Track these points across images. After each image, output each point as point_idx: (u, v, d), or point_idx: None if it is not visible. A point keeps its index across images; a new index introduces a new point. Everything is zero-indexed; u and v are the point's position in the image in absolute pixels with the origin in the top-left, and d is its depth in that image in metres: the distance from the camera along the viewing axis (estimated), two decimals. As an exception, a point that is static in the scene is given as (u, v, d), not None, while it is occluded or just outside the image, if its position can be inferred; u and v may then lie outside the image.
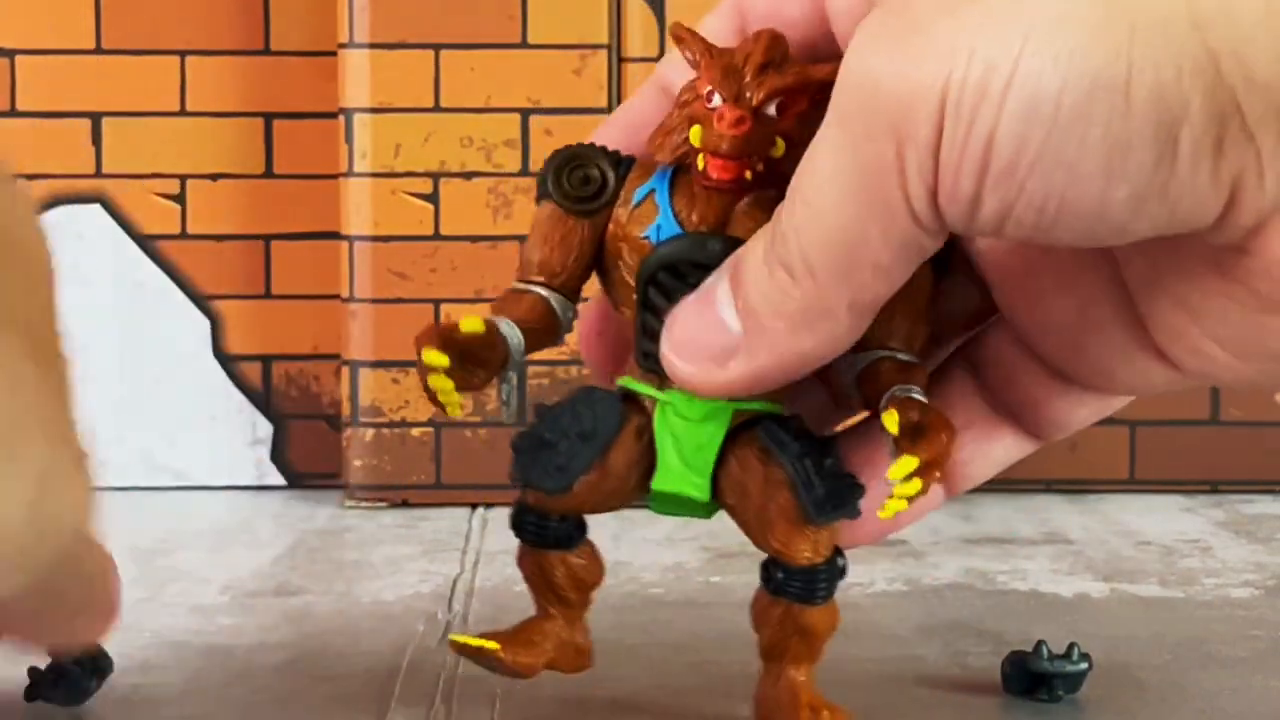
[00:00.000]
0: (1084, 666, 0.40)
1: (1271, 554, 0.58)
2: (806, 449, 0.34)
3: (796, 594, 0.35)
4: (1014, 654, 0.41)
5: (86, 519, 0.27)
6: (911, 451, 0.31)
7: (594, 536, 0.36)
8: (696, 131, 0.33)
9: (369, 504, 0.70)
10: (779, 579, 0.35)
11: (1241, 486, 0.71)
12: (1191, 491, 0.70)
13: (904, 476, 0.31)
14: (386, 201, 0.65)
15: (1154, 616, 0.49)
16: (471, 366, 0.33)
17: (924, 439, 0.32)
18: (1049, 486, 0.71)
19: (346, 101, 0.65)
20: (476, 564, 0.56)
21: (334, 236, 0.67)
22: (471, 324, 0.33)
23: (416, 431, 0.68)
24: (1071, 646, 0.40)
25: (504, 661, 0.35)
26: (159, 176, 0.69)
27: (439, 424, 0.68)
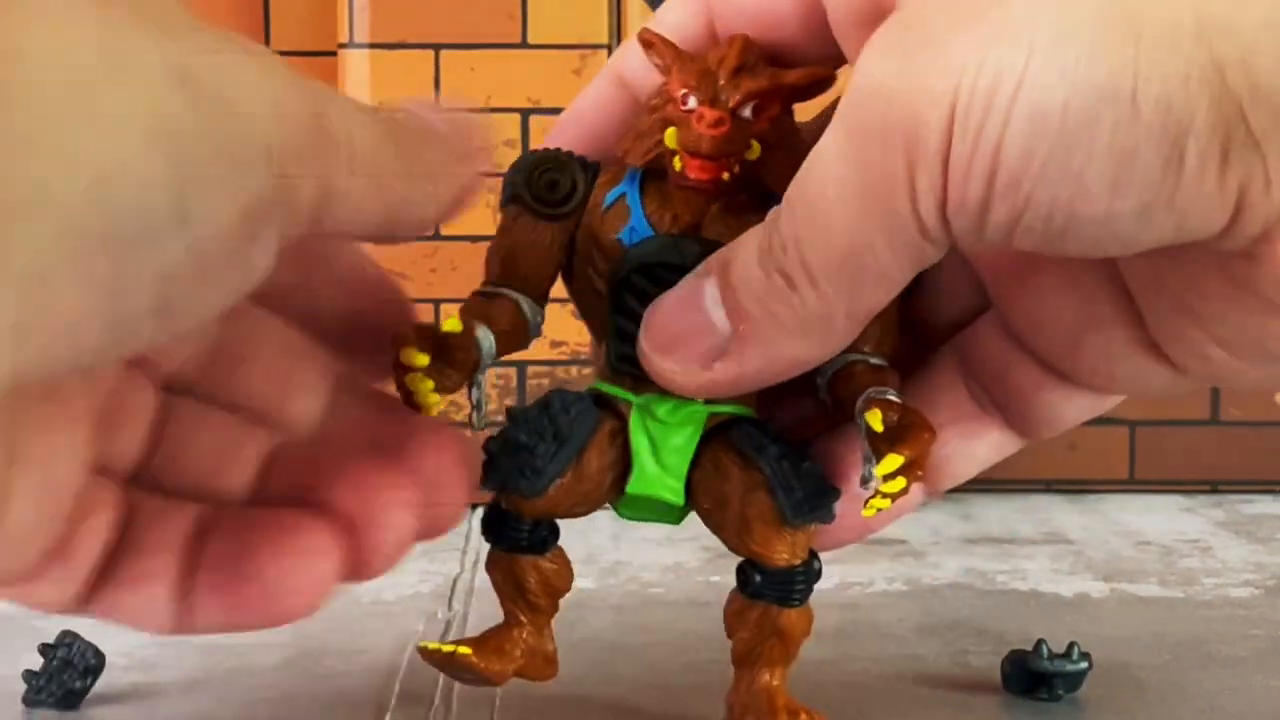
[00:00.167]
0: (1084, 666, 0.40)
1: (1271, 554, 0.58)
2: (784, 451, 0.34)
3: (774, 596, 0.35)
4: (1014, 653, 0.41)
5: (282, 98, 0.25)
6: (895, 450, 0.31)
7: (593, 537, 0.36)
8: (672, 133, 0.33)
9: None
10: (757, 582, 0.35)
11: (1241, 486, 0.71)
12: (1191, 491, 0.70)
13: (888, 474, 0.31)
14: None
15: (1154, 616, 0.49)
16: (446, 368, 0.33)
17: (907, 438, 0.32)
18: (1049, 486, 0.71)
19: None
20: (476, 563, 0.56)
21: (334, 236, 0.67)
22: (451, 324, 0.33)
23: (416, 431, 0.68)
24: (1071, 646, 0.40)
25: (476, 668, 0.35)
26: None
27: (439, 424, 0.68)
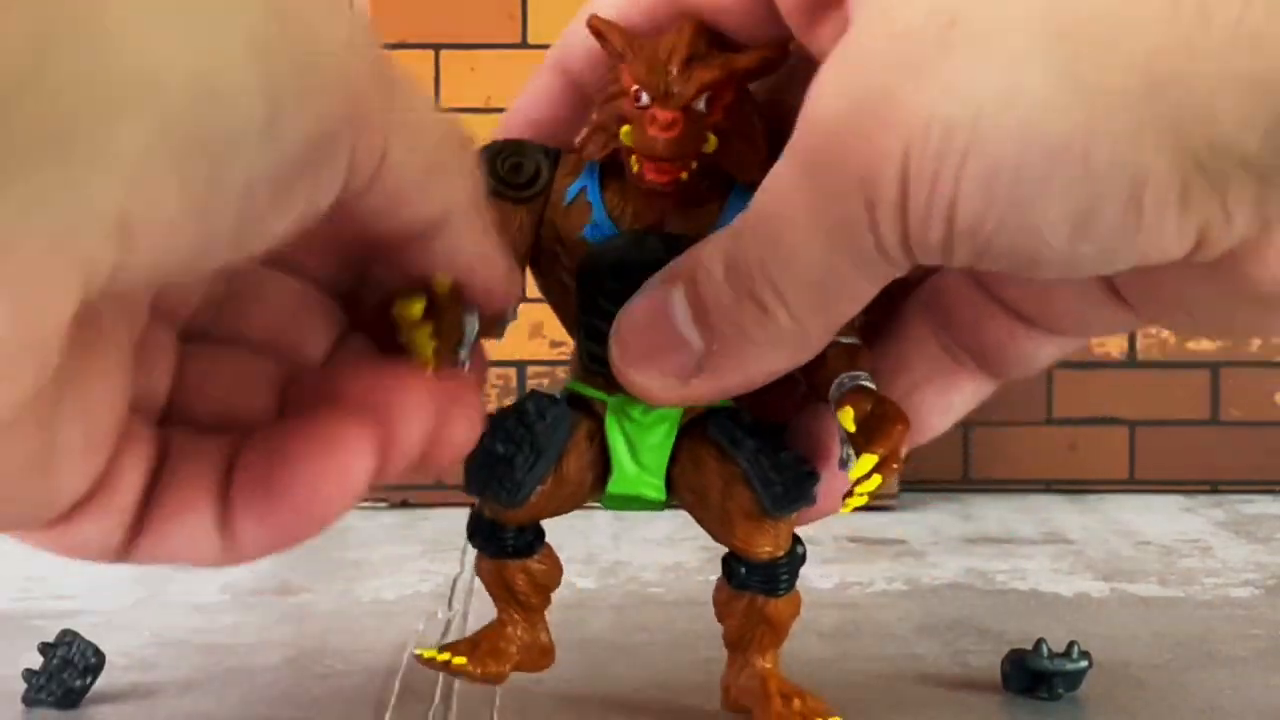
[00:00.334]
0: (1084, 665, 0.40)
1: (1271, 554, 0.58)
2: (761, 444, 0.34)
3: (760, 587, 0.35)
4: (1014, 652, 0.41)
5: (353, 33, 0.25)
6: (869, 449, 0.31)
7: (593, 537, 0.36)
8: (627, 131, 0.32)
9: (369, 504, 0.70)
10: (742, 574, 0.35)
11: (1241, 486, 0.71)
12: (1191, 491, 0.70)
13: (864, 475, 0.31)
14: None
15: (1154, 615, 0.49)
16: (439, 322, 0.32)
17: (880, 435, 0.32)
18: (1049, 486, 0.71)
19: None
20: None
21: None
22: (440, 281, 0.33)
23: (416, 431, 0.68)
24: (1071, 645, 0.40)
25: (473, 676, 0.35)
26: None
27: (439, 424, 0.68)
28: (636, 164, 0.32)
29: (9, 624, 0.47)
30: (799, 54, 0.32)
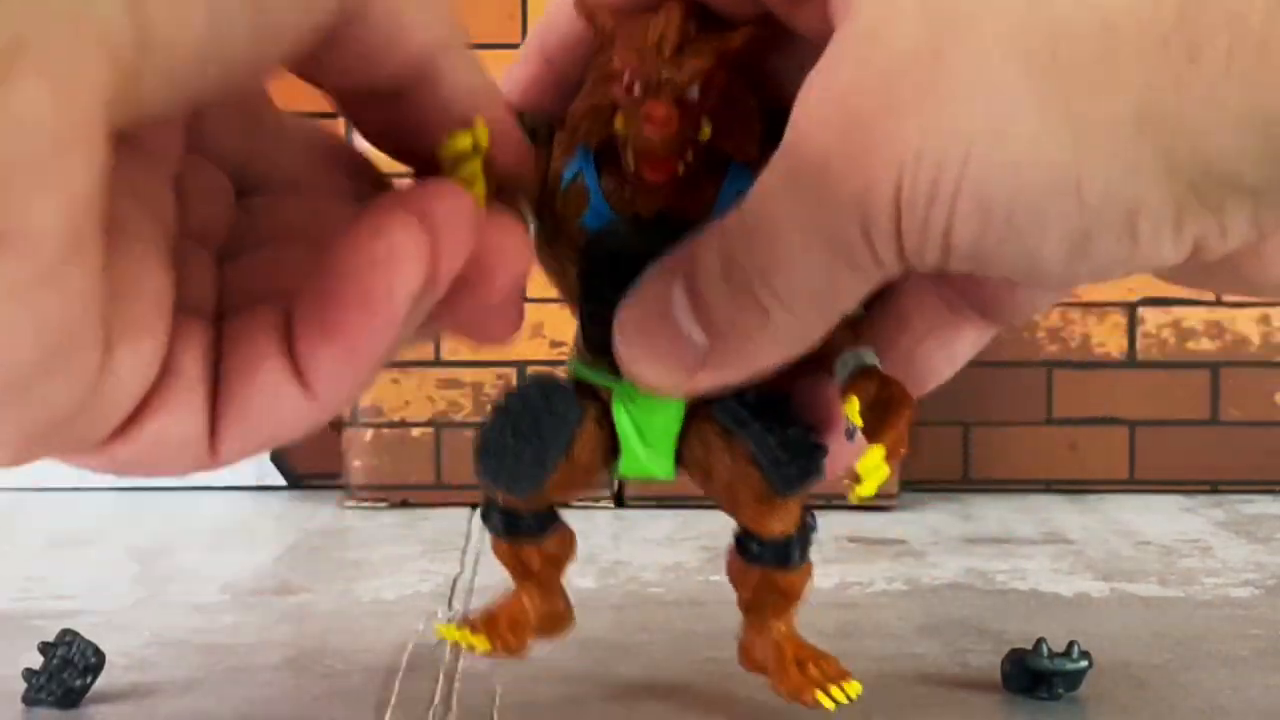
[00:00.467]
0: (1084, 664, 0.40)
1: (1271, 554, 0.58)
2: (768, 424, 0.34)
3: (772, 562, 0.35)
4: (1014, 652, 0.41)
5: None
6: (876, 440, 0.31)
7: (593, 537, 0.36)
8: (621, 120, 0.32)
9: (369, 504, 0.70)
10: (754, 550, 0.35)
11: (1241, 486, 0.71)
12: (1191, 491, 0.70)
13: (873, 467, 0.31)
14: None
15: (1154, 615, 0.49)
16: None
17: (887, 424, 0.32)
18: (1049, 486, 0.71)
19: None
20: (476, 563, 0.56)
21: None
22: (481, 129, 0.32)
23: (416, 432, 0.68)
24: (1071, 645, 0.40)
25: (493, 654, 0.36)
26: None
27: (439, 424, 0.68)
28: (633, 161, 0.32)
29: (9, 624, 0.47)
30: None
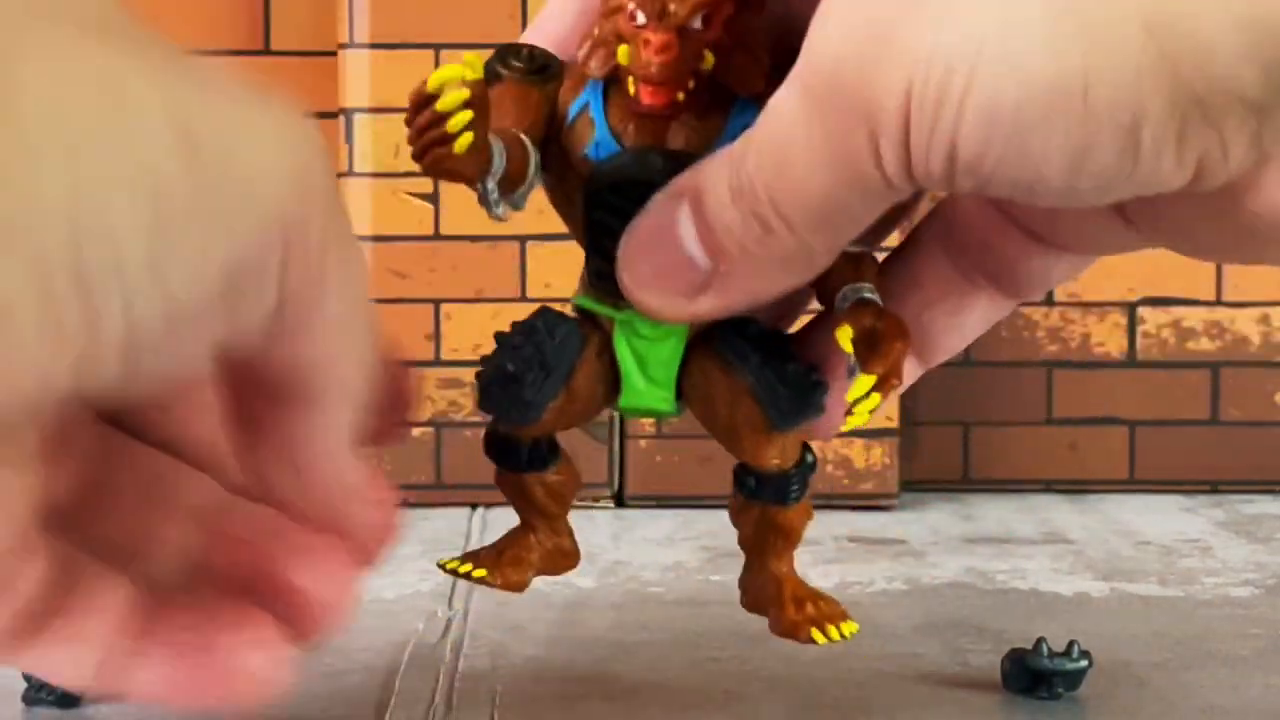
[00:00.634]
0: (1084, 664, 0.40)
1: (1271, 554, 0.58)
2: (767, 357, 0.34)
3: (771, 497, 0.35)
4: (1014, 652, 0.41)
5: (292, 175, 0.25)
6: (866, 369, 0.32)
7: (593, 537, 0.37)
8: (624, 51, 0.32)
9: (369, 504, 0.70)
10: (751, 485, 0.36)
11: (1241, 486, 0.71)
12: (1191, 491, 0.70)
13: (862, 394, 0.32)
14: (386, 201, 0.65)
15: (1154, 615, 0.49)
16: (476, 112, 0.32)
17: (878, 352, 0.32)
18: (1049, 486, 0.71)
19: (346, 101, 0.65)
20: (476, 563, 0.56)
21: (334, 236, 0.67)
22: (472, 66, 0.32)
23: (416, 431, 0.68)
24: (1071, 644, 0.40)
25: (494, 586, 0.36)
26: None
27: (439, 424, 0.68)
28: (633, 86, 0.33)
29: (9, 624, 0.47)
30: None
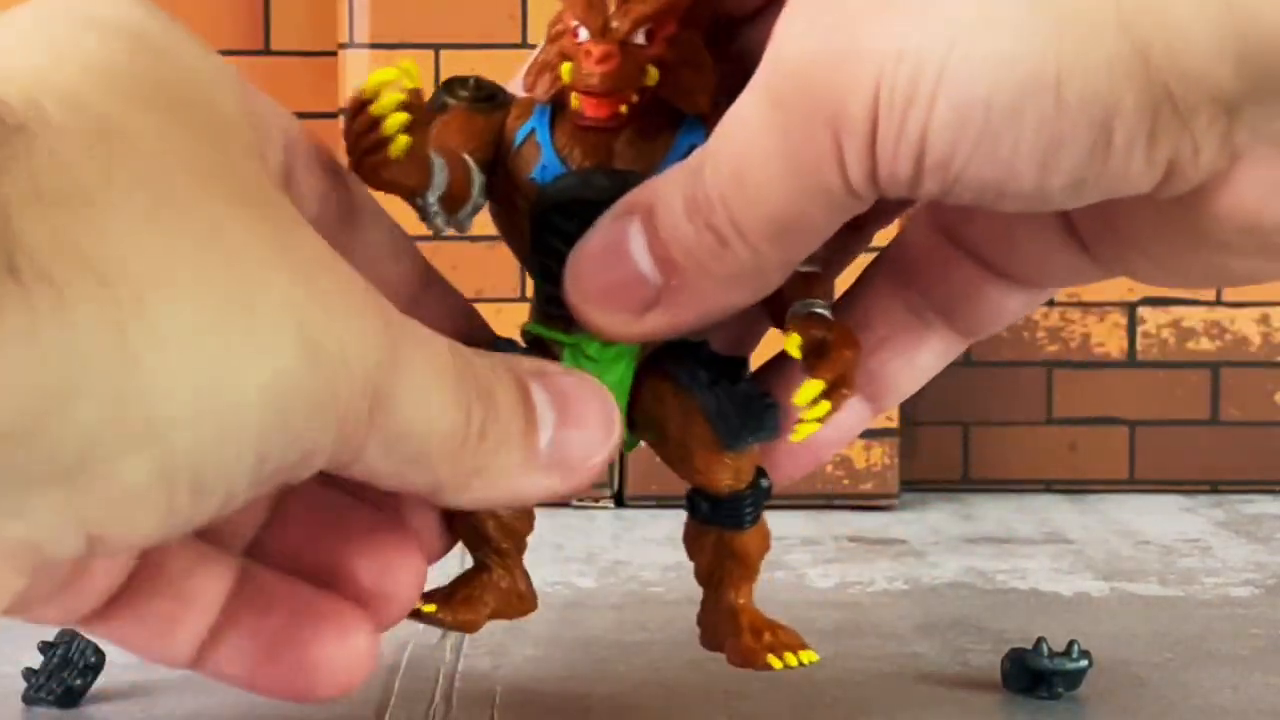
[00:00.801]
0: (1084, 664, 0.40)
1: (1271, 554, 0.58)
2: (716, 376, 0.34)
3: (724, 521, 0.35)
4: (1014, 651, 0.41)
5: (383, 349, 0.27)
6: (815, 374, 0.31)
7: (593, 537, 0.36)
8: (568, 68, 0.32)
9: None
10: (705, 510, 0.35)
11: (1241, 486, 0.71)
12: (1191, 491, 0.70)
13: (810, 400, 0.31)
14: (386, 201, 0.65)
15: (1154, 615, 0.49)
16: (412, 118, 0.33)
17: (827, 359, 0.31)
18: (1049, 486, 0.71)
19: (346, 101, 0.65)
20: (476, 563, 0.56)
21: (334, 236, 0.67)
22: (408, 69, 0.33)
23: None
24: (1071, 644, 0.40)
25: (445, 624, 0.35)
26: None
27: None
28: (577, 100, 0.32)
29: (9, 623, 0.47)
30: None
